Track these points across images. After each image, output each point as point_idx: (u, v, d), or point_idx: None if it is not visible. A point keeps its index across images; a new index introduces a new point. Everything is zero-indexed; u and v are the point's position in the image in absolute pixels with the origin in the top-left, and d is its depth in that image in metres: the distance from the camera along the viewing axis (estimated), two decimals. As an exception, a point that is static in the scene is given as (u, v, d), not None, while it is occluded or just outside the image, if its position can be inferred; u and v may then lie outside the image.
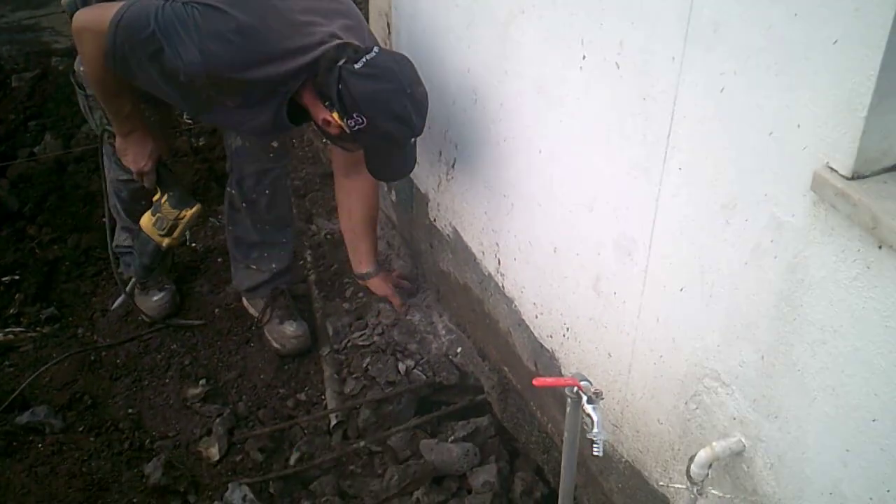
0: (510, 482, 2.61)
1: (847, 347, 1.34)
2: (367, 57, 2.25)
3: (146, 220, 2.87)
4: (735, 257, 1.55)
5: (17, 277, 3.57)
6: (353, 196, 3.00)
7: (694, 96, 1.58)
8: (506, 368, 2.69)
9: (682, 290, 1.73)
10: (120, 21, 2.26)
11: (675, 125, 1.64)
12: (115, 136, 2.76)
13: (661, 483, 1.87)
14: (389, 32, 3.06)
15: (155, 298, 3.23)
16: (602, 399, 1.59)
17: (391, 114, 2.27)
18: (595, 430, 1.55)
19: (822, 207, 1.33)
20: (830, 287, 1.35)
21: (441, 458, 2.65)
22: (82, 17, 2.40)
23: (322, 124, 2.38)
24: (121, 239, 3.25)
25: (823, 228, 1.34)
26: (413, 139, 2.42)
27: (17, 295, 3.47)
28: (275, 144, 2.90)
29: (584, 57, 1.90)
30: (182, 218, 2.82)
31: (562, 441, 2.35)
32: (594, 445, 1.55)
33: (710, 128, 1.55)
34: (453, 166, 2.75)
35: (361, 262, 3.11)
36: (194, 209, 2.83)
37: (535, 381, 1.66)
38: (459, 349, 2.97)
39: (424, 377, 2.95)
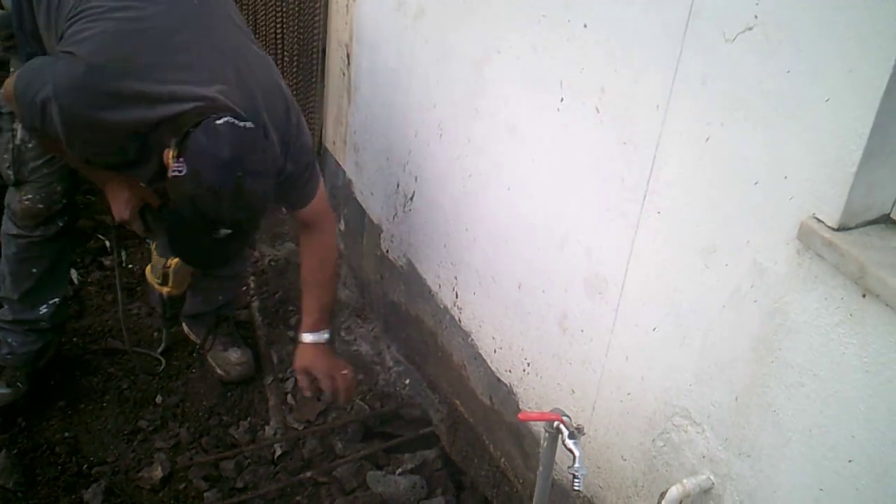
0: (457, 516, 2.63)
1: (826, 391, 1.40)
2: (237, 122, 2.05)
3: (148, 269, 2.70)
4: (713, 300, 1.61)
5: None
6: (302, 250, 2.70)
7: (677, 143, 1.64)
8: (457, 402, 2.71)
9: (654, 329, 1.77)
10: (16, 90, 2.19)
11: (656, 170, 1.70)
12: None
13: (630, 519, 1.91)
14: (349, 63, 3.08)
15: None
16: (583, 434, 1.62)
17: (206, 180, 2.00)
18: (577, 464, 1.57)
19: (806, 256, 1.40)
20: (811, 332, 1.41)
21: (388, 490, 2.65)
22: (6, 84, 2.30)
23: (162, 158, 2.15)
24: None
25: (807, 276, 1.40)
26: (224, 231, 2.06)
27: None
28: None
29: (561, 100, 1.96)
30: (168, 266, 2.62)
31: (515, 476, 2.39)
32: (575, 480, 1.58)
33: (692, 175, 1.61)
34: (412, 199, 2.77)
35: (300, 323, 2.72)
36: (174, 259, 2.61)
37: (520, 416, 1.69)
38: (408, 381, 2.97)
39: (369, 408, 2.95)
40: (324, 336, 2.62)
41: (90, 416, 2.94)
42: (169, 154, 2.08)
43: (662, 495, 1.65)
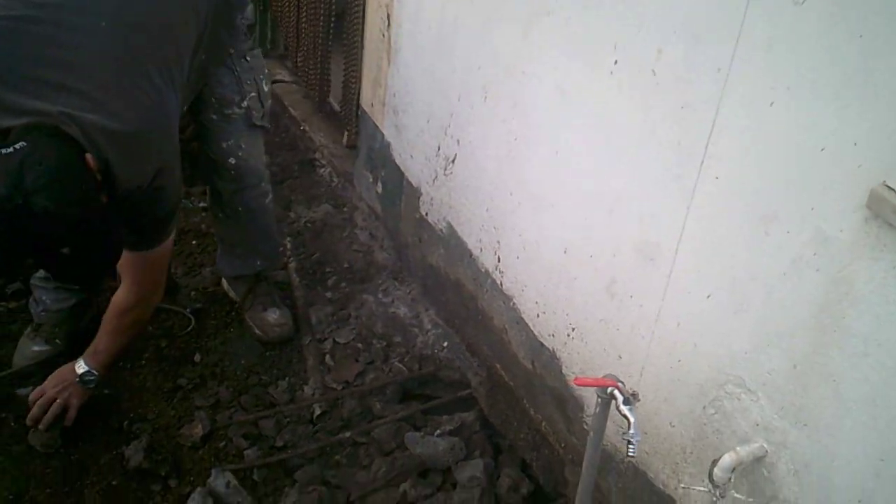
0: (496, 478, 2.63)
1: (892, 360, 1.38)
2: (2, 150, 1.93)
3: None
4: (772, 268, 1.59)
5: (-19, 250, 3.46)
6: (117, 301, 2.66)
7: (739, 108, 1.61)
8: (497, 365, 2.71)
9: (709, 297, 1.76)
10: None
11: (716, 135, 1.68)
12: None
13: (682, 485, 1.91)
14: (389, 24, 3.05)
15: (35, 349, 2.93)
16: (639, 401, 1.61)
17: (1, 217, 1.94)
18: (632, 430, 1.57)
19: (874, 224, 1.37)
20: (878, 301, 1.39)
21: (427, 451, 2.66)
22: None
23: None
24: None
25: (875, 245, 1.38)
26: (63, 249, 2.03)
27: (-19, 269, 3.37)
28: (231, 161, 2.82)
29: (615, 62, 1.93)
30: None
31: (556, 440, 2.40)
32: (630, 447, 1.58)
33: (754, 140, 1.59)
34: (453, 162, 2.75)
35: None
36: None
37: (575, 381, 1.69)
38: (446, 343, 2.97)
39: (408, 370, 2.96)
40: (81, 368, 2.63)
41: (129, 374, 2.97)
42: None
43: (715, 462, 1.65)
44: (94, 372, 2.64)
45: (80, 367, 2.64)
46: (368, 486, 2.59)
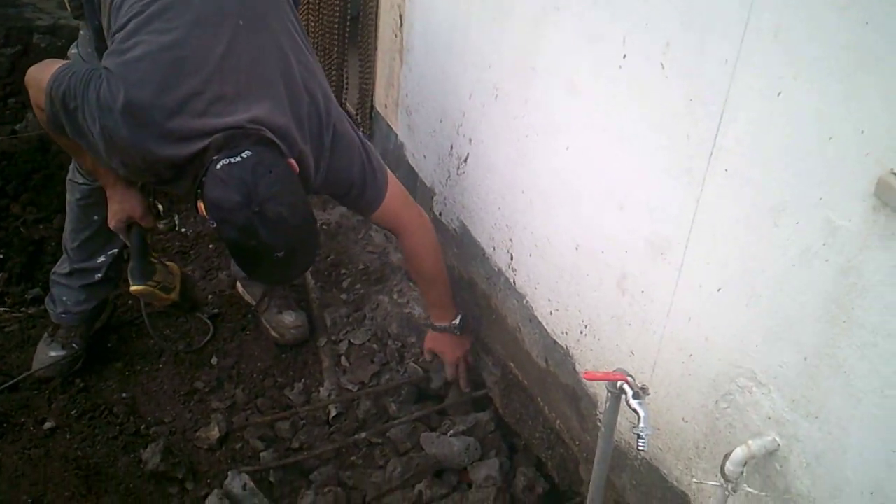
0: (512, 477, 2.63)
1: (901, 350, 1.37)
2: (231, 160, 2.03)
3: (140, 288, 2.65)
4: (782, 260, 1.57)
5: (0, 256, 3.50)
6: (403, 253, 2.89)
7: (747, 99, 1.60)
8: (511, 364, 2.70)
9: (719, 290, 1.75)
10: (52, 91, 2.16)
11: (724, 127, 1.66)
12: None
13: (695, 480, 1.89)
14: (402, 25, 3.06)
15: (52, 354, 2.94)
16: (648, 395, 1.60)
17: (233, 224, 2.03)
18: (641, 425, 1.56)
19: (882, 213, 1.36)
20: (886, 291, 1.37)
21: (442, 451, 2.66)
22: (30, 73, 2.28)
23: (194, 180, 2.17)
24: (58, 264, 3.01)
25: (883, 233, 1.36)
26: (278, 254, 2.09)
27: (1, 274, 3.41)
28: None
29: (624, 56, 1.92)
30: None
31: (571, 438, 2.39)
32: (640, 440, 1.57)
33: (762, 131, 1.57)
34: (465, 161, 2.75)
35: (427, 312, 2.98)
36: (134, 287, 2.60)
37: (584, 375, 1.68)
38: (461, 343, 2.97)
39: (422, 370, 2.96)
40: (451, 324, 2.82)
41: (147, 377, 2.99)
42: (200, 206, 2.11)
43: (727, 456, 1.64)
44: (454, 321, 2.82)
45: (449, 323, 2.82)
46: (384, 487, 2.60)
